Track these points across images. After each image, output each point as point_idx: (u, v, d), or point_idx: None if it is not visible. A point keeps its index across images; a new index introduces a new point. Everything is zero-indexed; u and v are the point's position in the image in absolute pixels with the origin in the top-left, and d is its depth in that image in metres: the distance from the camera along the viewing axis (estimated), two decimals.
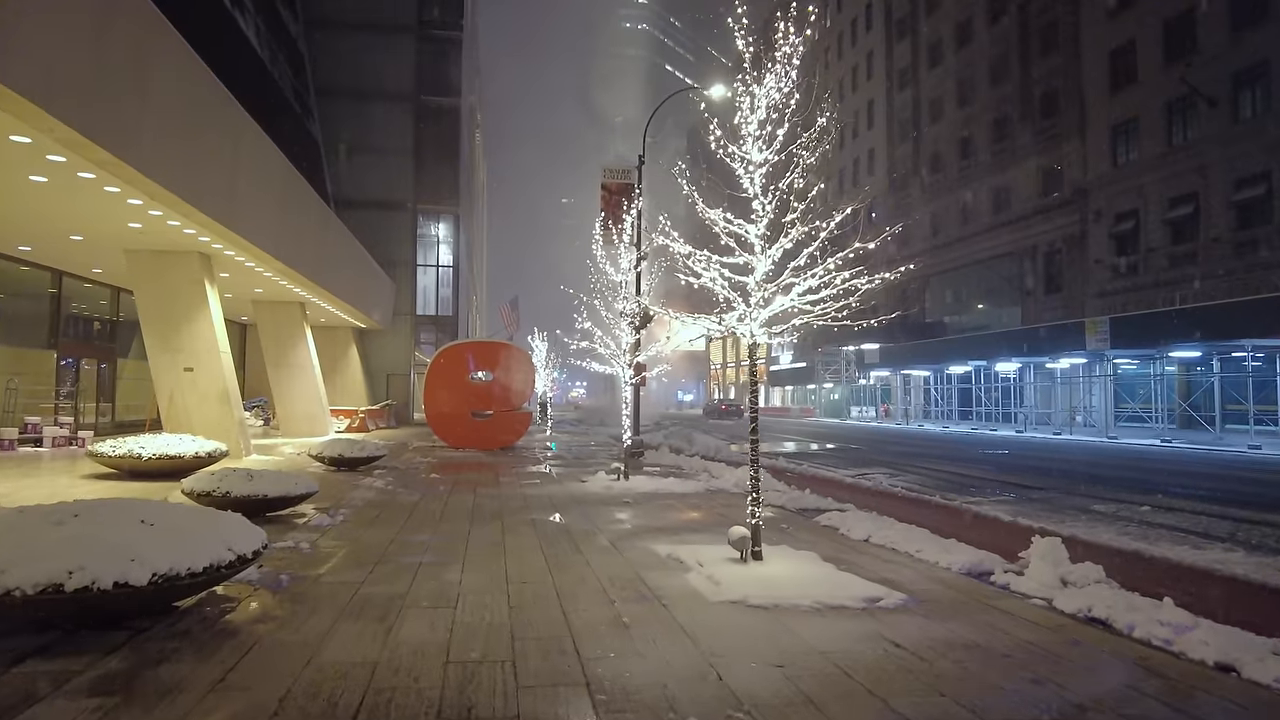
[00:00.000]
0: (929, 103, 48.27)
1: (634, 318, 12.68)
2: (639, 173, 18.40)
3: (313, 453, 13.80)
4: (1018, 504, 11.00)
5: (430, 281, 36.13)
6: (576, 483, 12.53)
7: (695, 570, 6.22)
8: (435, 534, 7.73)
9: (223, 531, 4.71)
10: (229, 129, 13.16)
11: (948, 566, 6.89)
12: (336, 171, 33.42)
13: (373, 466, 14.17)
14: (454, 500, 10.21)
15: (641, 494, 11.15)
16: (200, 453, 11.48)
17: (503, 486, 11.93)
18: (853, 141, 58.22)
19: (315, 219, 20.20)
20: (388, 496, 10.47)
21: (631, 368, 12.89)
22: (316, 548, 6.87)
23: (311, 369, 23.54)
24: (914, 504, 10.92)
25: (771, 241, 6.38)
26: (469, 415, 19.46)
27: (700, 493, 11.51)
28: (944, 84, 46.57)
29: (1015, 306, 39.56)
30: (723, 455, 18.57)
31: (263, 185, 15.43)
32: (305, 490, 8.42)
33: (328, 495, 10.27)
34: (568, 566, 6.35)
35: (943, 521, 9.26)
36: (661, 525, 8.54)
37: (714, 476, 13.98)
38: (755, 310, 6.43)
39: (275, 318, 23.18)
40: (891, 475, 14.71)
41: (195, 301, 15.11)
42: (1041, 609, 5.53)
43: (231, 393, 15.39)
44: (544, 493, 11.19)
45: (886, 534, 8.17)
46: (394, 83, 34.62)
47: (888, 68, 52.82)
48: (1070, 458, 19.76)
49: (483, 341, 25.91)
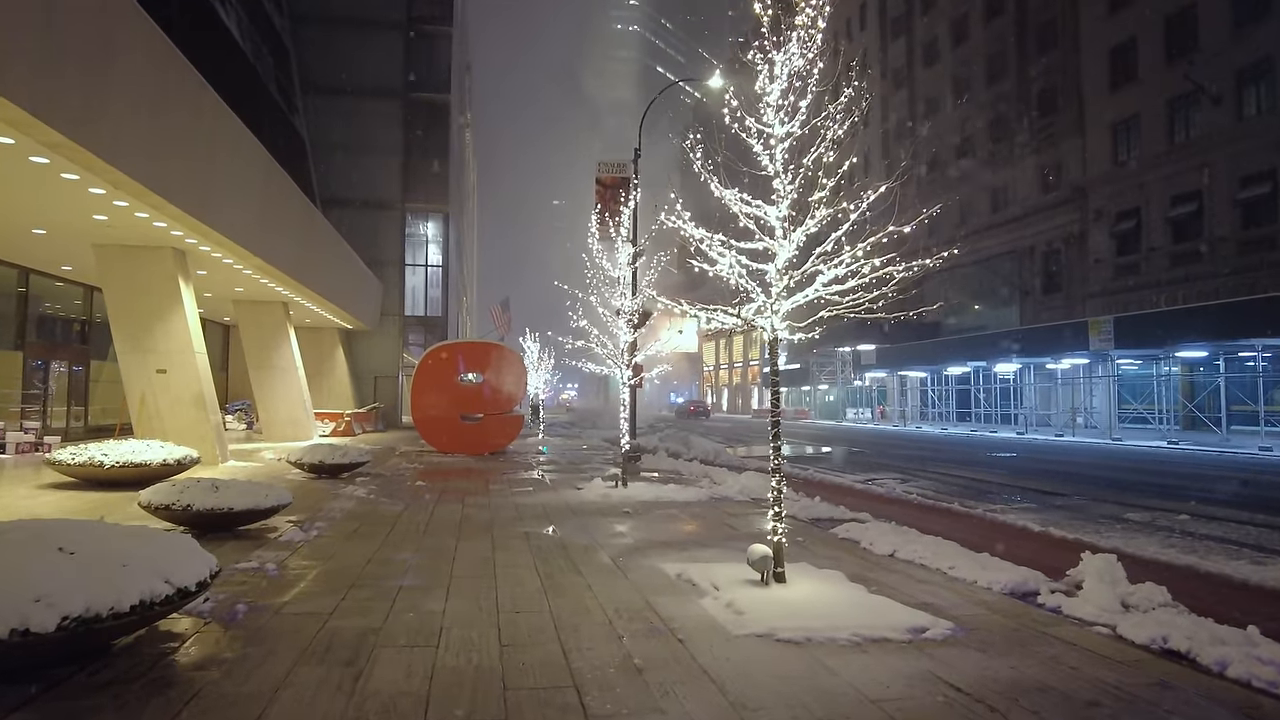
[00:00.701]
0: (924, 101, 47.81)
1: (632, 315, 11.99)
2: (635, 165, 17.71)
3: (291, 459, 13.04)
4: (1043, 512, 10.35)
5: (419, 282, 35.31)
6: (572, 490, 11.81)
7: (711, 595, 5.51)
8: (418, 551, 7.00)
9: (162, 558, 3.98)
10: (202, 116, 12.38)
11: (988, 586, 6.21)
12: (323, 169, 32.59)
13: (355, 473, 13.41)
14: (441, 511, 9.47)
15: (641, 503, 10.44)
16: (168, 460, 10.71)
17: (493, 495, 11.20)
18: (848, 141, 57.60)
19: (298, 215, 19.41)
20: (369, 507, 9.72)
21: (629, 368, 12.19)
22: (284, 569, 6.13)
23: (295, 371, 22.72)
24: (934, 513, 10.28)
25: (796, 224, 5.70)
26: (458, 419, 18.70)
27: (704, 501, 10.81)
28: (940, 82, 46.10)
29: (1013, 307, 39.08)
30: (722, 459, 17.90)
31: (241, 177, 14.65)
32: (277, 502, 7.67)
33: (304, 506, 9.52)
34: (566, 590, 5.64)
35: (969, 533, 8.61)
36: (667, 539, 7.83)
37: (715, 483, 13.30)
38: (776, 302, 5.74)
39: (257, 318, 22.36)
40: (902, 481, 14.06)
41: (168, 299, 14.32)
42: (1107, 638, 4.85)
43: (207, 396, 14.60)
44: (537, 502, 10.47)
45: (913, 548, 7.49)
46: (382, 79, 33.82)
47: (882, 67, 52.34)
48: (1081, 460, 19.17)
49: (473, 342, 25.15)
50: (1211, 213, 28.26)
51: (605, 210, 16.14)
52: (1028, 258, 38.08)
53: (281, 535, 7.50)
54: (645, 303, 12.24)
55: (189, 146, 11.81)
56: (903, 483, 13.80)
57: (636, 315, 12.04)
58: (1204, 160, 28.56)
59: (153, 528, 4.63)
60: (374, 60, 33.66)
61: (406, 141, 34.05)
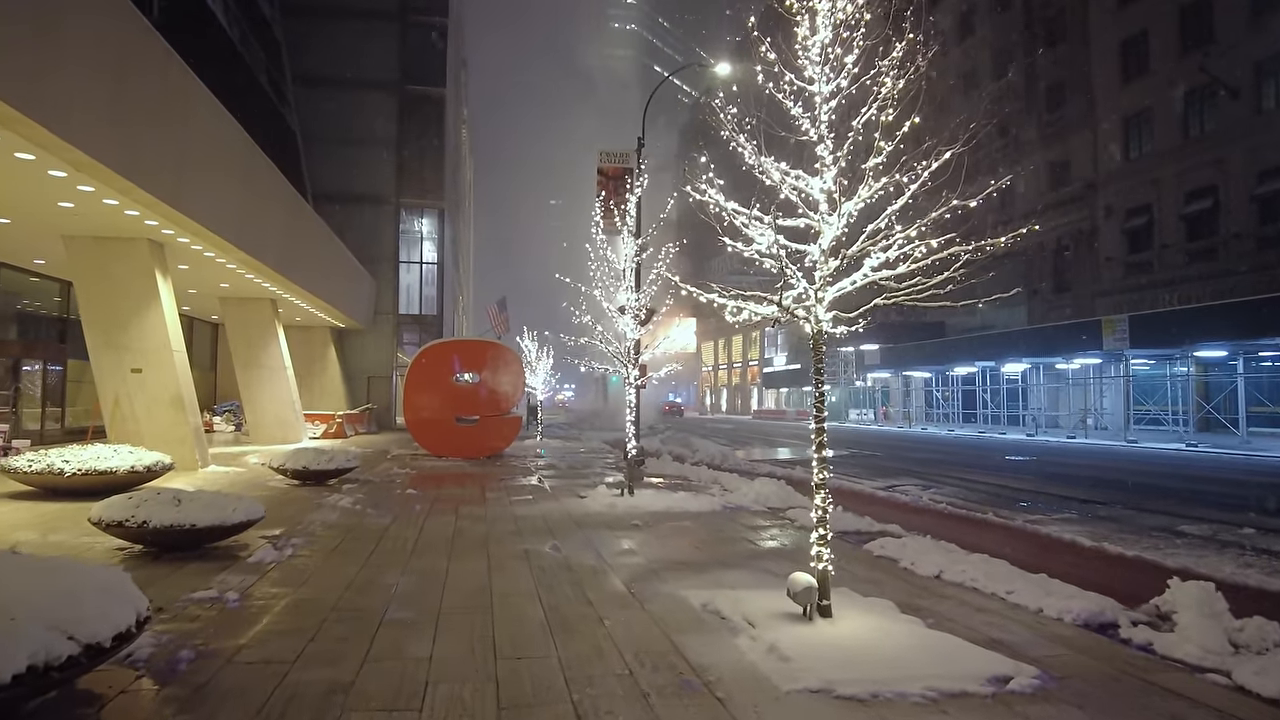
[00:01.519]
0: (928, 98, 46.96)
1: (638, 311, 11.17)
2: (639, 154, 16.88)
3: (274, 464, 12.19)
4: (1087, 524, 9.55)
5: (414, 279, 34.41)
6: (574, 499, 10.98)
7: (747, 633, 4.69)
8: (405, 573, 6.17)
9: (73, 603, 3.14)
10: (175, 95, 11.51)
11: (1058, 617, 5.41)
12: (315, 163, 31.69)
13: (344, 479, 12.57)
14: (432, 524, 8.63)
15: (651, 513, 9.61)
16: (137, 467, 9.84)
17: (490, 504, 10.37)
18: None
19: (284, 206, 18.54)
20: (354, 519, 8.88)
21: (636, 367, 11.36)
22: (248, 599, 5.29)
23: (284, 371, 21.85)
24: (968, 524, 9.47)
25: (846, 196, 4.88)
26: (453, 420, 17.85)
27: (718, 511, 9.99)
28: (945, 78, 45.31)
29: (1020, 306, 38.30)
30: (730, 463, 17.08)
31: (220, 164, 13.79)
32: (246, 517, 6.83)
33: (282, 518, 8.68)
34: (575, 627, 4.81)
35: (1014, 548, 7.81)
36: (684, 557, 7.00)
37: (727, 490, 12.48)
38: (821, 288, 4.92)
39: (244, 316, 21.49)
40: (923, 487, 13.26)
41: (144, 294, 13.46)
42: (1226, 690, 4.05)
43: (186, 397, 13.74)
44: (538, 512, 9.63)
45: (961, 568, 6.67)
46: (376, 71, 32.93)
47: None
48: (1104, 464, 18.38)
49: (468, 340, 24.28)
50: (1227, 209, 27.51)
51: (608, 201, 15.34)
52: (1036, 255, 37.31)
53: (252, 554, 6.66)
54: (651, 300, 11.43)
55: (160, 127, 10.94)
56: (925, 489, 13.00)
57: (643, 311, 11.22)
58: (1219, 155, 27.81)
59: (73, 561, 3.79)
60: (367, 52, 32.78)
61: (401, 135, 33.18)
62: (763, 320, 5.36)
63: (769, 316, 5.11)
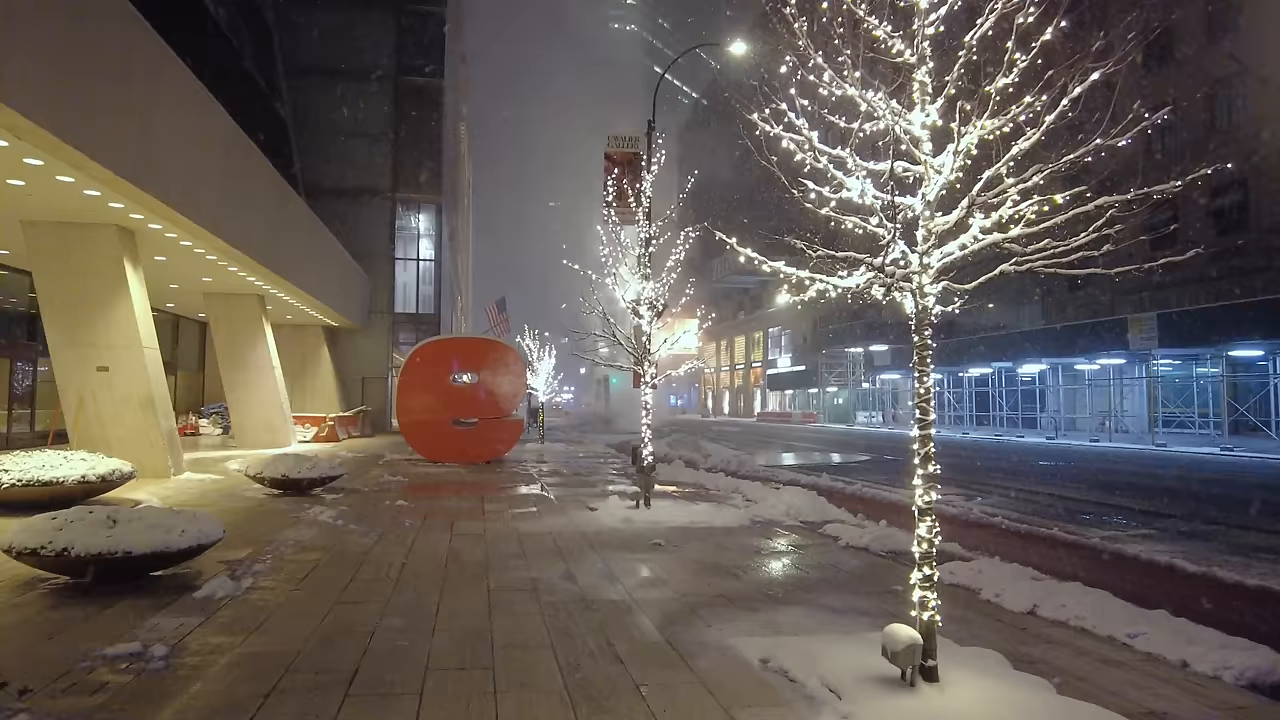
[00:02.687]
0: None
1: (654, 301, 10.01)
2: (649, 139, 15.74)
3: (251, 472, 11.02)
4: (1171, 541, 8.40)
5: (410, 277, 33.23)
6: (584, 511, 9.82)
7: (833, 707, 3.53)
8: (386, 612, 5.01)
9: None
10: (136, 57, 10.31)
11: (1214, 674, 4.27)
12: (307, 155, 30.56)
13: (327, 488, 11.40)
14: (423, 544, 7.47)
15: (673, 529, 8.46)
16: (90, 476, 8.68)
17: (489, 518, 9.20)
18: None
19: (270, 195, 17.39)
20: (333, 537, 7.71)
21: (653, 366, 10.20)
22: (179, 655, 4.13)
23: (272, 371, 20.68)
24: (1035, 542, 8.30)
25: (957, 133, 3.73)
26: (449, 423, 16.66)
27: (747, 526, 8.84)
28: None
29: (1035, 304, 37.17)
30: (748, 470, 15.90)
31: (194, 142, 12.63)
32: (197, 540, 5.67)
33: (250, 536, 7.51)
34: (605, 699, 3.65)
35: (1103, 573, 6.65)
36: (723, 588, 5.85)
37: (751, 500, 11.34)
38: (926, 251, 3.78)
39: (229, 313, 20.32)
40: (966, 497, 12.10)
41: (112, 286, 12.31)
42: None
43: (158, 398, 12.57)
44: (544, 529, 8.47)
45: (1059, 602, 5.54)
46: (371, 60, 31.79)
47: None
48: (1149, 470, 17.23)
49: (467, 337, 23.12)
50: (1259, 201, 26.39)
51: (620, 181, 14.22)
52: None
53: (203, 586, 5.49)
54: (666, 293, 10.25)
55: (118, 94, 9.75)
56: (969, 499, 11.84)
57: (660, 302, 10.07)
58: (1250, 145, 26.68)
59: None
60: (362, 41, 31.65)
61: (397, 127, 32.03)
62: (861, 289, 4.18)
63: (857, 289, 3.96)
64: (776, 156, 4.18)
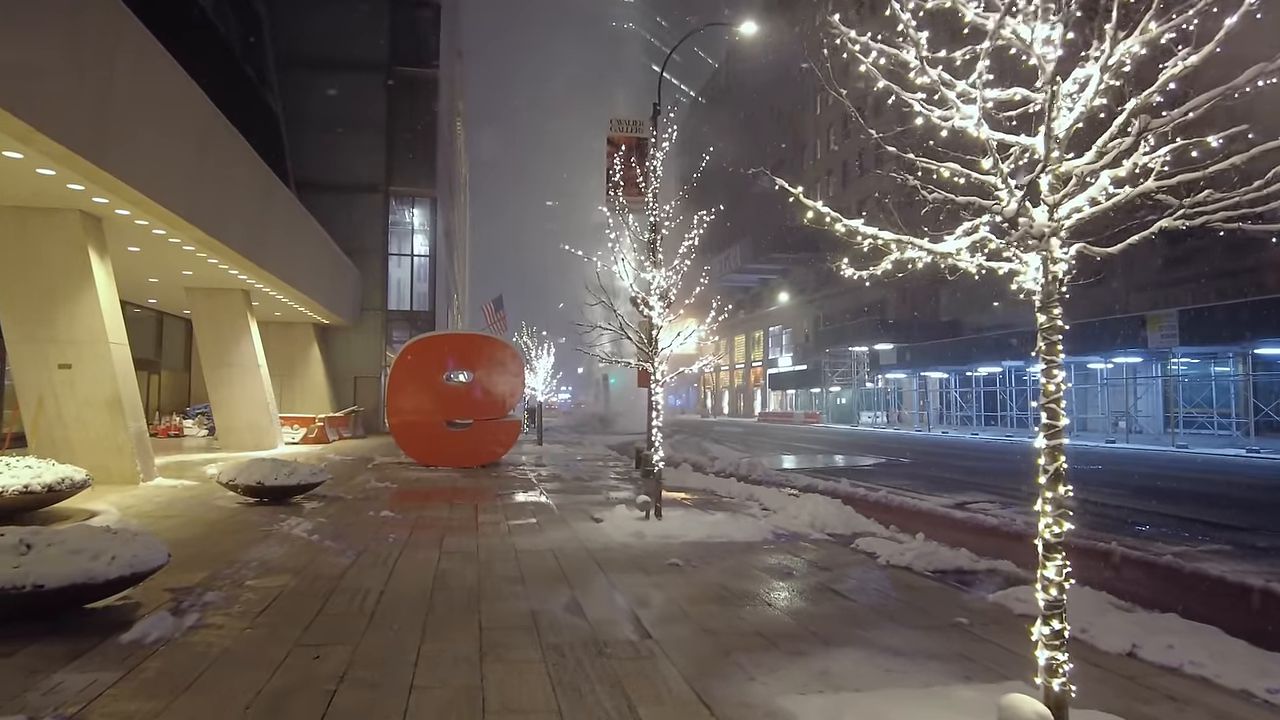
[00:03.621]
0: None
1: (666, 292, 9.09)
2: (654, 121, 14.85)
3: (224, 479, 10.08)
4: (1259, 560, 7.49)
5: (404, 274, 32.27)
6: (588, 522, 8.90)
7: None
8: (352, 664, 4.08)
9: None
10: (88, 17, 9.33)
11: None
12: (298, 148, 29.57)
13: (308, 496, 10.47)
14: (406, 564, 6.54)
15: (690, 546, 7.55)
16: (34, 486, 7.74)
17: (483, 531, 8.27)
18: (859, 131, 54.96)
19: (253, 183, 16.44)
20: (304, 557, 6.78)
21: (662, 361, 9.28)
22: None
23: (258, 369, 19.73)
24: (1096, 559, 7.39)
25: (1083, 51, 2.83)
26: (442, 425, 15.72)
27: (770, 541, 7.93)
28: None
29: None
30: (759, 474, 14.99)
31: (164, 120, 11.67)
32: (130, 569, 4.75)
33: (208, 556, 6.58)
34: None
35: (1187, 598, 5.77)
36: (760, 623, 4.93)
37: (768, 508, 10.42)
38: (1058, 204, 2.87)
39: (213, 308, 19.37)
40: (999, 504, 11.19)
41: (76, 277, 11.38)
42: None
43: (125, 398, 11.63)
44: (545, 544, 7.55)
45: (1163, 642, 4.64)
46: (365, 51, 30.84)
47: None
48: (1185, 474, 16.33)
49: (462, 333, 22.15)
50: None
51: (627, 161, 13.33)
52: None
53: (137, 624, 4.56)
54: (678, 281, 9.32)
55: (64, 52, 8.77)
56: (1003, 507, 10.94)
57: (672, 293, 9.14)
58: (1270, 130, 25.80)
59: None
60: (355, 30, 30.69)
61: (390, 119, 31.07)
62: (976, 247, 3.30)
63: (956, 256, 3.05)
64: (845, 90, 3.26)
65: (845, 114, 7.36)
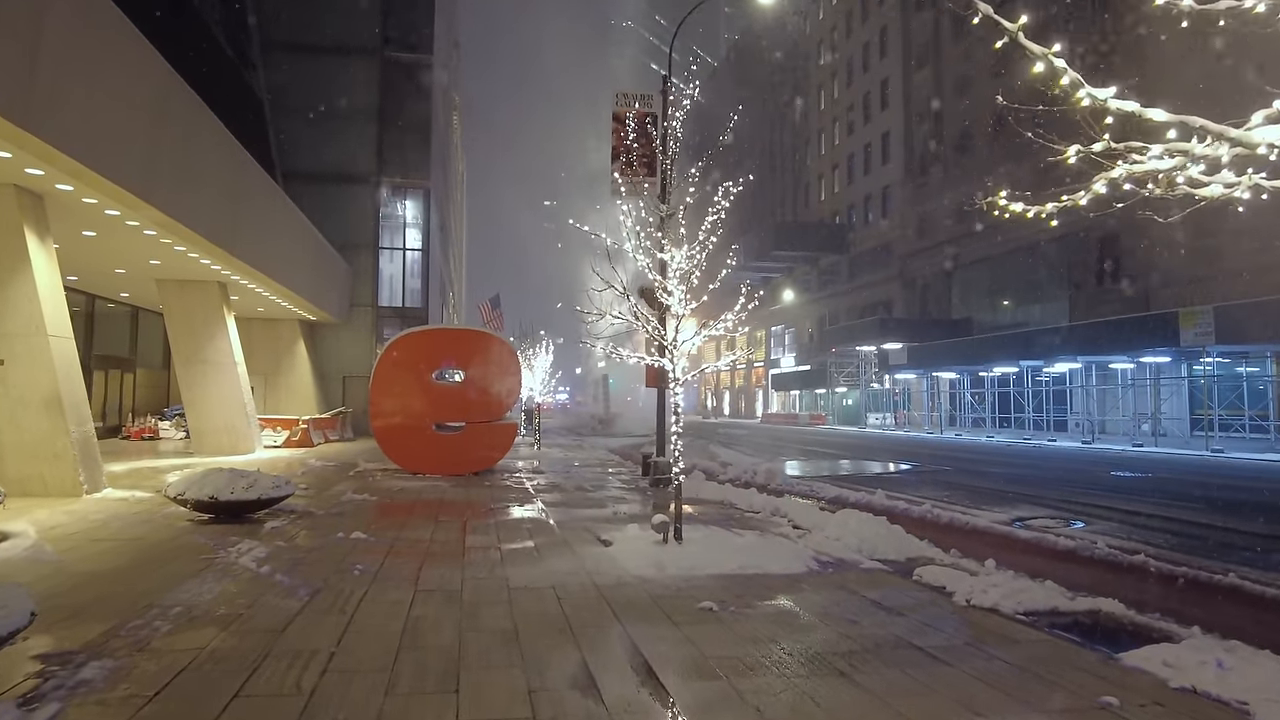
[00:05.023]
0: (954, 79, 43.75)
1: (688, 275, 7.73)
2: (664, 97, 13.51)
3: (172, 492, 8.71)
4: None
5: (396, 269, 30.86)
6: (595, 546, 7.55)
7: None
8: None
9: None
10: None
11: None
12: (285, 136, 28.19)
13: (273, 511, 9.11)
14: (370, 611, 5.18)
15: (721, 579, 6.21)
16: None
17: (470, 560, 6.91)
18: (864, 126, 53.67)
19: (224, 163, 15.03)
20: (241, 601, 5.40)
21: (682, 355, 7.92)
22: None
23: (234, 367, 18.35)
24: (1219, 597, 6.07)
25: None
26: (430, 428, 14.34)
27: (816, 572, 6.59)
28: (973, 54, 42.07)
29: (1060, 300, 35.01)
30: (779, 482, 13.63)
31: (113, 85, 10.28)
32: None
33: (121, 598, 5.22)
34: None
35: None
36: (844, 707, 3.58)
37: (801, 526, 9.07)
38: None
39: (186, 302, 18.00)
40: (1062, 519, 9.85)
41: (10, 260, 10.02)
42: None
43: (68, 398, 10.25)
44: (544, 578, 6.19)
45: None
46: (356, 35, 29.43)
47: (904, 42, 48.34)
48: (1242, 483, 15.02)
49: (453, 328, 20.72)
50: None
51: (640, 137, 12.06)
52: (1083, 244, 33.98)
53: None
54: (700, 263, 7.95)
55: None
56: (1068, 523, 9.60)
57: (695, 277, 7.78)
58: None
59: None
60: (345, 13, 29.27)
61: (382, 107, 29.64)
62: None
63: None
64: None
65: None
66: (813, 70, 62.65)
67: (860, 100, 54.25)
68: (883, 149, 51.06)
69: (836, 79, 58.28)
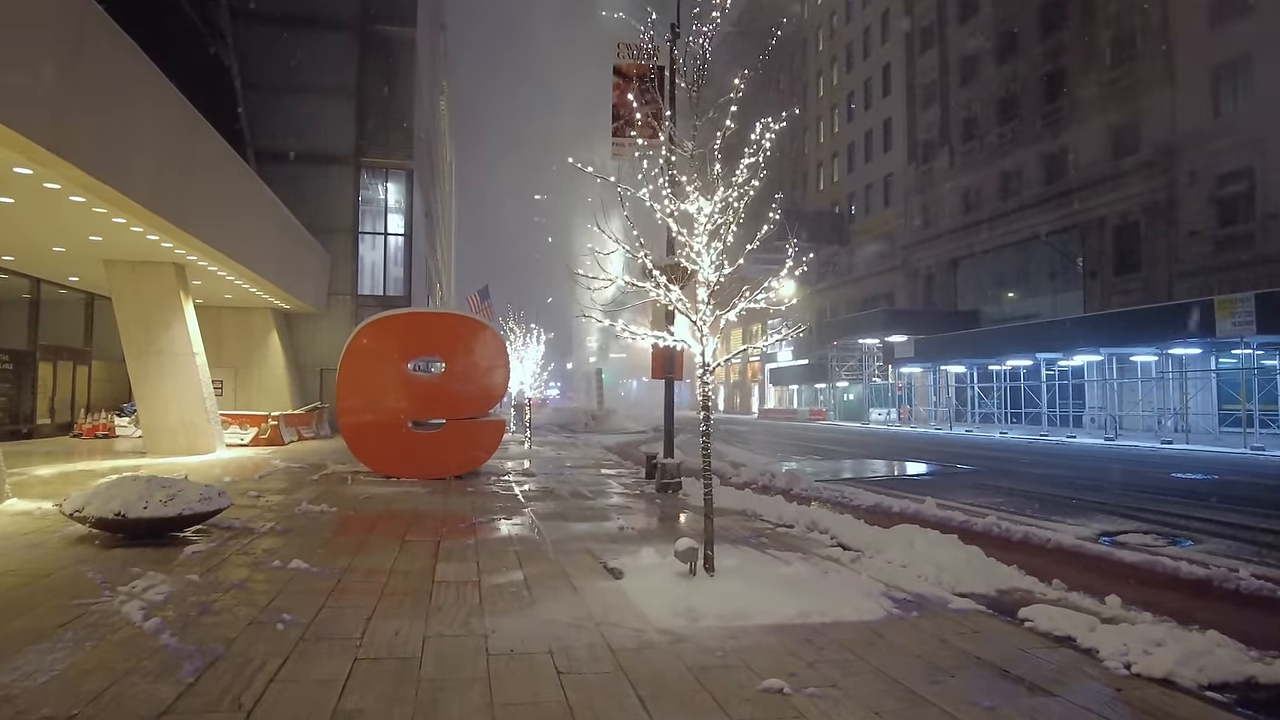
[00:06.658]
0: (959, 62, 42.16)
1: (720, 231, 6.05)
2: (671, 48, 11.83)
3: (69, 508, 6.97)
4: None
5: (378, 256, 29.01)
6: (602, 579, 5.86)
7: None
8: None
9: None
10: None
11: None
12: (257, 113, 26.27)
13: (200, 529, 7.39)
14: (281, 698, 3.47)
15: (777, 630, 4.56)
16: None
17: (439, 603, 5.20)
18: (865, 113, 52.04)
19: (166, 120, 13.11)
20: (93, 684, 3.68)
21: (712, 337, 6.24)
22: None
23: (192, 358, 16.55)
24: None
25: None
26: (406, 426, 12.58)
27: (898, 617, 4.95)
28: (978, 38, 40.48)
29: (1074, 290, 33.53)
30: (804, 487, 12.00)
31: (24, 20, 8.50)
32: None
33: None
34: None
35: None
36: None
37: (850, 546, 7.43)
38: None
39: (137, 285, 16.17)
40: (1154, 534, 8.24)
41: None
42: None
43: None
44: (538, 637, 4.50)
45: None
46: (334, 6, 27.55)
47: (908, 26, 46.71)
48: None
49: (431, 312, 18.79)
50: None
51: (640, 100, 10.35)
52: (1095, 234, 32.50)
53: None
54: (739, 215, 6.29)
55: None
56: (1168, 541, 7.99)
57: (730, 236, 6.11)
58: None
59: None
60: None
61: (361, 82, 27.75)
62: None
63: None
64: None
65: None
66: (811, 56, 60.96)
67: (861, 86, 52.61)
68: (884, 135, 49.46)
69: (836, 65, 56.60)
